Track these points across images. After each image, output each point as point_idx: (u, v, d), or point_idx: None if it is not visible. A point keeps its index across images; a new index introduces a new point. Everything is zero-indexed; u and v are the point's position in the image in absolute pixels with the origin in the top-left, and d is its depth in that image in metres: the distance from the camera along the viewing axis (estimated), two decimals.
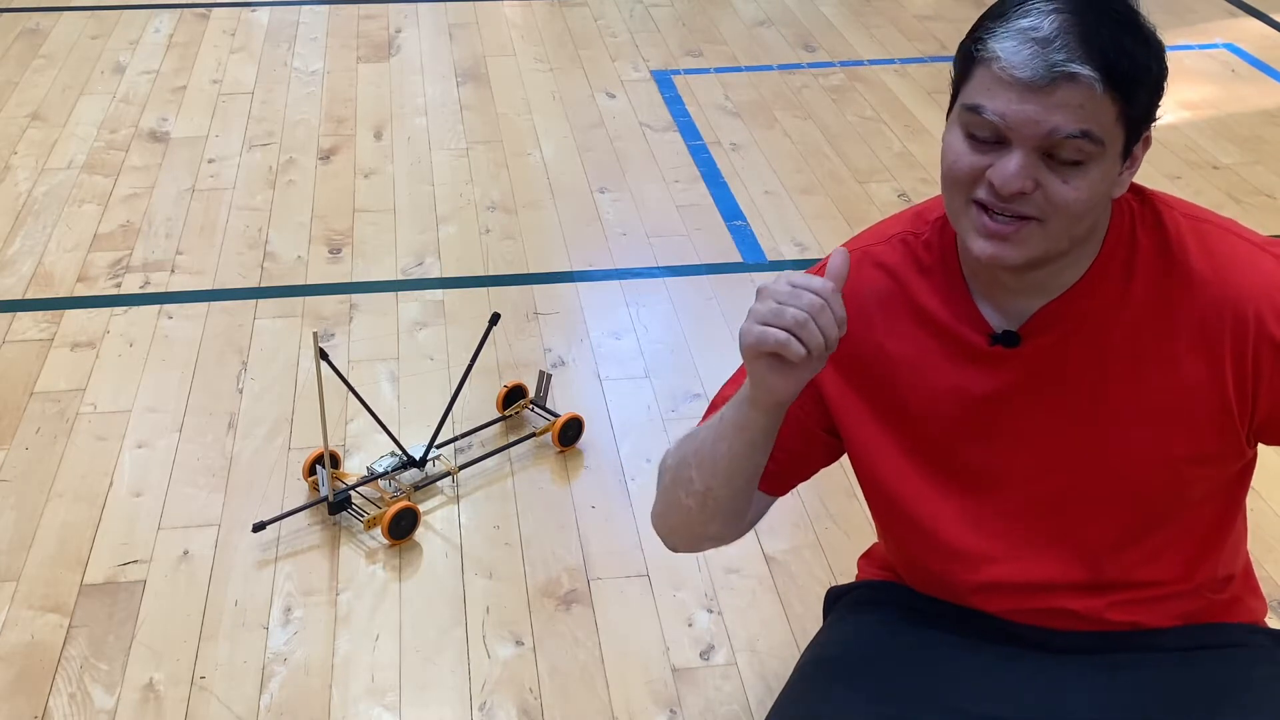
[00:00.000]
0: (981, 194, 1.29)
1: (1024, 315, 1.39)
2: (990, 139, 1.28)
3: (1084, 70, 1.22)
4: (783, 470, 1.50)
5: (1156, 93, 1.28)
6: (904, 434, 1.45)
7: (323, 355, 2.34)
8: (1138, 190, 1.40)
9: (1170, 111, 4.16)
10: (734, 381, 1.53)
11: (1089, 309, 1.37)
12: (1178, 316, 1.36)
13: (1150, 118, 1.30)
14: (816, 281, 1.27)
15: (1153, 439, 1.39)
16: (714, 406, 1.54)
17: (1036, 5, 1.25)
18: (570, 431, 2.64)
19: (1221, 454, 1.42)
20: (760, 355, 1.29)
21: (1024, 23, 1.24)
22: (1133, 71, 1.24)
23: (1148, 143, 1.32)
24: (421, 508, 2.46)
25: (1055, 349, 1.39)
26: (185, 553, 2.37)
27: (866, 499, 1.56)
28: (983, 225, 1.30)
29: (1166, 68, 1.29)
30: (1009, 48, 1.24)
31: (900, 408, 1.44)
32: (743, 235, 3.47)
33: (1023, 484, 1.44)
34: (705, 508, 1.47)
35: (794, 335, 1.25)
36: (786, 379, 1.30)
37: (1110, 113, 1.25)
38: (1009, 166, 1.26)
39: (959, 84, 1.32)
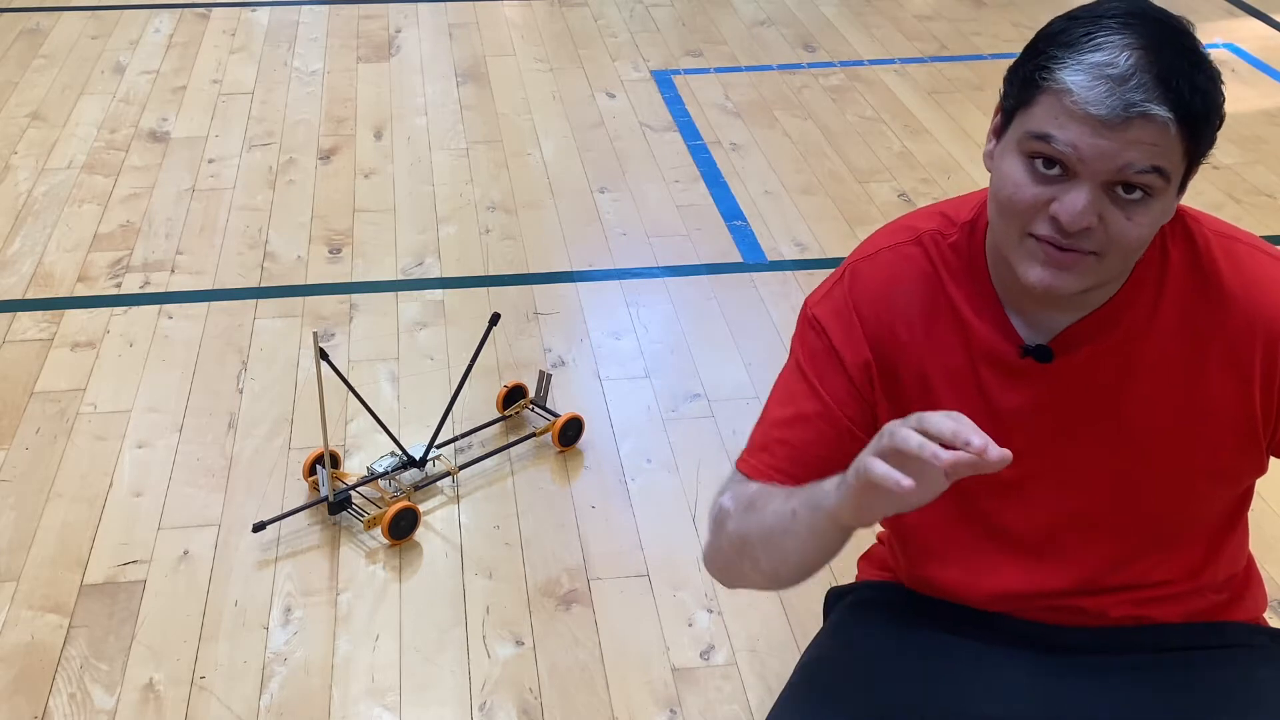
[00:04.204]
0: (1042, 229, 1.26)
1: (1053, 329, 1.37)
2: (1054, 170, 1.24)
3: (1161, 111, 1.20)
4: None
5: (1219, 127, 1.27)
6: None
7: (323, 355, 2.34)
8: None
9: None
10: (780, 403, 1.48)
11: (1121, 326, 1.36)
12: (1208, 334, 1.36)
13: (1210, 149, 1.28)
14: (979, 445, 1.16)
15: (1176, 458, 1.39)
16: (763, 437, 1.47)
17: (1108, 39, 1.21)
18: (570, 431, 2.64)
19: (1241, 470, 1.42)
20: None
21: (1097, 57, 1.21)
22: (1204, 110, 1.23)
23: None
24: (421, 508, 2.46)
25: (1085, 365, 1.37)
26: (185, 553, 2.37)
27: None
28: (1044, 254, 1.27)
29: (1224, 98, 1.26)
30: (1082, 82, 1.21)
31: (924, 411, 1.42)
32: (743, 235, 3.47)
33: (1039, 500, 1.43)
34: (775, 580, 1.45)
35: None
36: (899, 504, 1.23)
37: (1179, 150, 1.23)
38: (1077, 202, 1.23)
39: (1016, 108, 1.28)
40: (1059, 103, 1.22)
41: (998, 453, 1.14)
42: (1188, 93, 1.21)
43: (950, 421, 1.15)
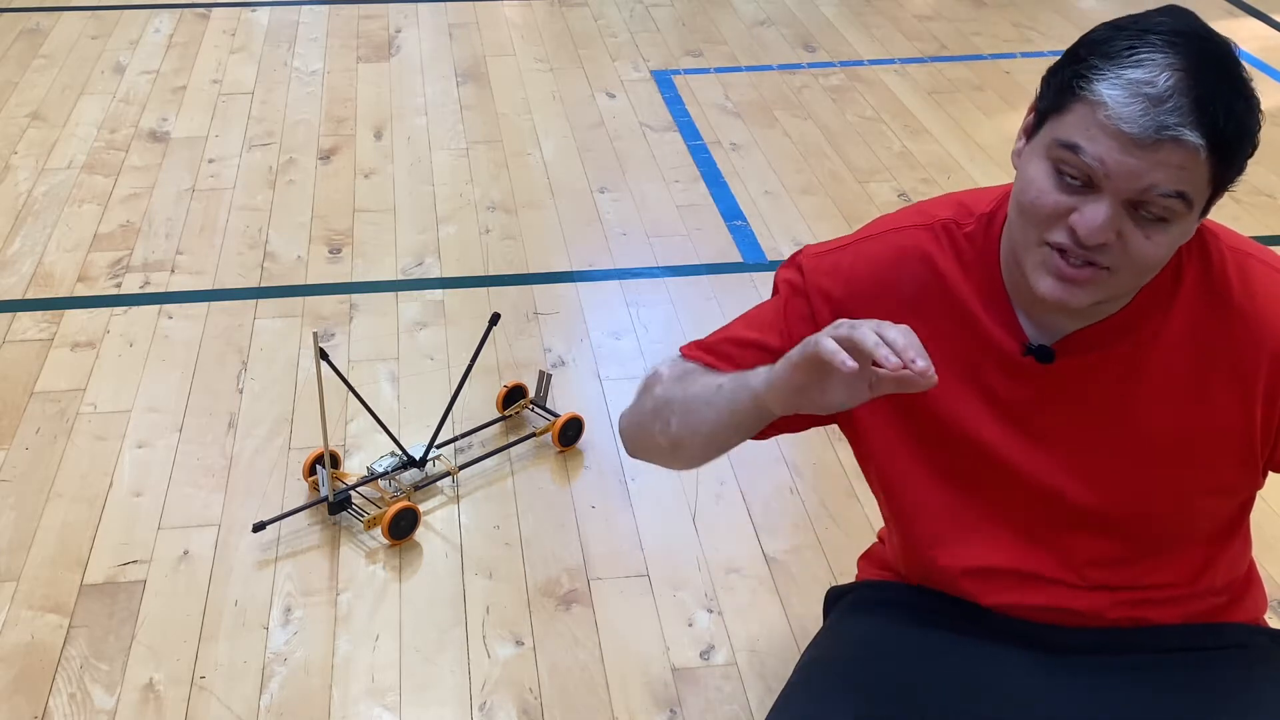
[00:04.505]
0: (1059, 238, 1.25)
1: (1058, 332, 1.37)
2: (1079, 181, 1.24)
3: (1193, 137, 1.19)
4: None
5: (1250, 155, 1.26)
6: (912, 419, 1.44)
7: (323, 355, 2.34)
8: None
9: None
10: (748, 324, 1.51)
11: (1127, 336, 1.36)
12: (1214, 349, 1.36)
13: (1239, 176, 1.27)
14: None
15: (1174, 468, 1.39)
16: (719, 343, 1.51)
17: (1150, 56, 1.20)
18: (570, 431, 2.64)
19: (1238, 486, 1.43)
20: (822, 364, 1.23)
21: (1137, 74, 1.19)
22: (1238, 140, 1.22)
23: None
24: (421, 508, 2.46)
25: (1086, 371, 1.37)
26: (185, 553, 2.37)
27: (865, 475, 1.56)
28: (1056, 267, 1.27)
29: (1261, 125, 1.25)
30: (1118, 97, 1.19)
31: (914, 395, 1.43)
32: (743, 235, 3.47)
33: (1027, 492, 1.43)
34: (675, 452, 1.50)
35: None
36: (823, 396, 1.28)
37: (1206, 176, 1.22)
38: (1097, 217, 1.22)
39: (1049, 112, 1.27)
40: (1092, 114, 1.21)
41: (932, 378, 1.18)
42: (1223, 120, 1.20)
43: (903, 336, 1.19)
